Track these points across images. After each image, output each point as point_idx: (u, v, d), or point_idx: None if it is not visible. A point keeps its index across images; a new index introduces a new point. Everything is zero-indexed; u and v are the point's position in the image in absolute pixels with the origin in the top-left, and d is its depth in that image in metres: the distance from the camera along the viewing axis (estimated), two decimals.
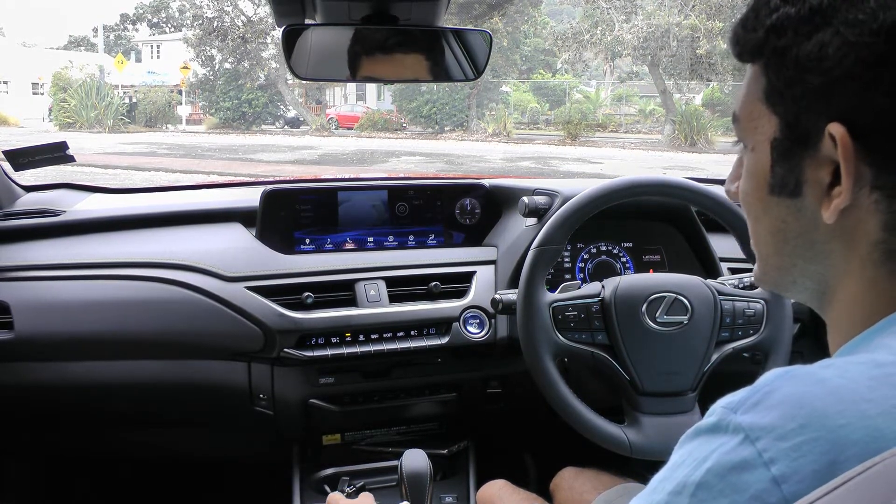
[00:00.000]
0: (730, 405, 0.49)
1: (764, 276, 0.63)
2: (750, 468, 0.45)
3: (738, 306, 1.27)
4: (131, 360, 1.42)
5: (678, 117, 20.51)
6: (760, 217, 0.60)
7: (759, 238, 0.61)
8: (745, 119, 0.59)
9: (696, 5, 20.39)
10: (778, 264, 0.60)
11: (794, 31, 0.53)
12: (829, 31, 0.51)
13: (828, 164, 0.53)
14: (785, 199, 0.56)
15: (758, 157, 0.58)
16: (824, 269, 0.57)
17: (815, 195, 0.54)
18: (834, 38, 0.51)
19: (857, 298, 0.55)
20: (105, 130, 21.71)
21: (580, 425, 1.22)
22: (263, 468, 1.78)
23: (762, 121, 0.57)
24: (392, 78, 1.29)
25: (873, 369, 0.48)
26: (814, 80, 0.52)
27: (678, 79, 21.90)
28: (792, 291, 0.62)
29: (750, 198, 0.60)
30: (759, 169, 0.58)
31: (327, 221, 1.57)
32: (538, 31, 27.58)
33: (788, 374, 0.48)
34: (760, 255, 0.62)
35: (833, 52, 0.51)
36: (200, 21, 24.65)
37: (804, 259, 0.57)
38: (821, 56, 0.51)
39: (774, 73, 0.55)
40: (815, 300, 0.60)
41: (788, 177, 0.56)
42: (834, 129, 0.51)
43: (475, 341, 1.46)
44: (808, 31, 0.52)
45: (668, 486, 0.49)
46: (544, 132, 24.33)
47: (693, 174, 1.91)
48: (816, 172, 0.54)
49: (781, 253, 0.59)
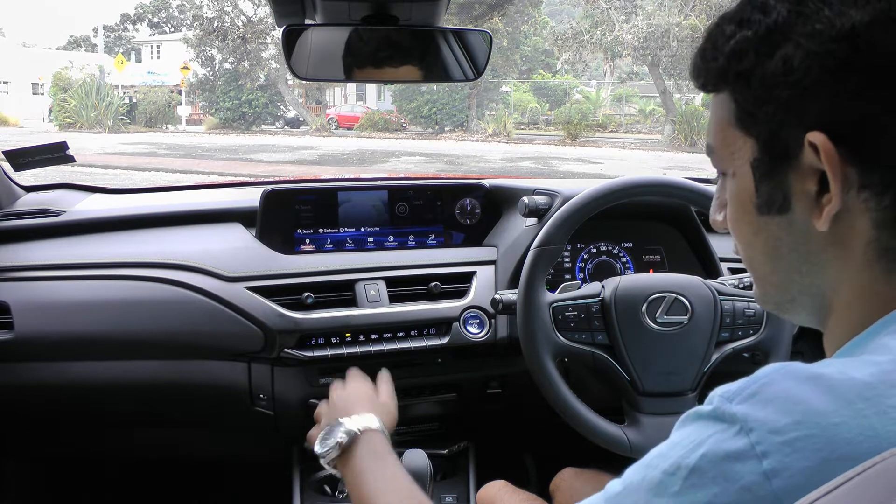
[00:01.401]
0: (726, 394, 0.50)
1: (764, 296, 0.63)
2: (742, 459, 0.46)
3: (738, 306, 1.27)
4: (131, 361, 1.42)
5: (678, 117, 20.53)
6: (752, 240, 0.60)
7: (754, 261, 0.62)
8: (720, 147, 0.60)
9: (696, 5, 20.40)
10: (776, 283, 0.60)
11: (755, 52, 0.54)
12: (789, 45, 0.52)
13: (812, 174, 0.53)
14: (774, 217, 0.57)
15: (740, 181, 0.59)
16: (821, 280, 0.57)
17: (805, 207, 0.55)
18: (797, 51, 0.52)
19: (852, 304, 0.55)
20: (105, 130, 21.72)
21: (580, 425, 1.22)
22: (263, 468, 1.78)
23: (737, 145, 0.58)
24: (392, 78, 1.29)
25: (871, 368, 0.48)
26: (783, 94, 0.53)
27: (678, 79, 21.90)
28: (792, 312, 0.62)
29: (739, 223, 0.61)
30: (743, 192, 0.59)
31: (327, 222, 1.57)
32: (538, 31, 27.60)
33: (786, 368, 0.49)
34: (757, 276, 0.63)
35: (798, 64, 0.52)
36: (200, 21, 24.67)
37: (800, 273, 0.58)
38: (786, 70, 0.52)
39: (742, 97, 0.56)
40: (814, 318, 0.60)
41: (775, 193, 0.56)
42: (814, 137, 0.52)
43: (475, 341, 1.46)
44: (769, 50, 0.53)
45: (663, 463, 0.50)
46: (544, 132, 24.34)
47: (693, 174, 1.91)
48: (802, 184, 0.54)
49: (777, 271, 0.59)
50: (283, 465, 1.53)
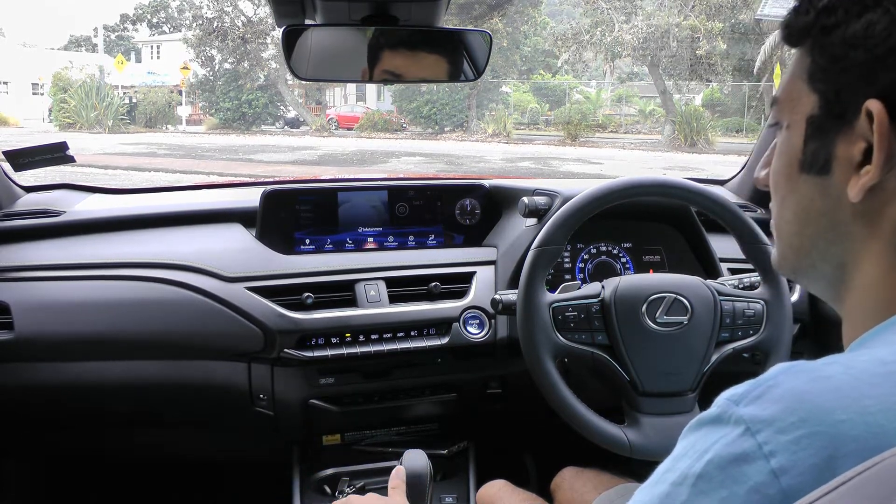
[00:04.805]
0: (733, 397, 0.49)
1: (783, 259, 0.63)
2: (750, 460, 0.46)
3: (738, 307, 1.27)
4: (131, 361, 1.42)
5: (678, 118, 20.51)
6: (787, 196, 0.60)
7: (782, 219, 0.61)
8: (784, 99, 0.60)
9: (695, 6, 20.39)
10: (798, 245, 0.60)
11: (845, 11, 0.54)
12: (879, 10, 0.52)
13: (860, 142, 0.53)
14: (813, 177, 0.57)
15: (792, 135, 0.59)
16: (844, 251, 0.57)
17: (844, 173, 0.55)
18: (883, 17, 0.52)
19: (873, 285, 0.55)
20: (105, 131, 21.70)
21: (580, 425, 1.22)
22: (263, 468, 1.78)
23: (801, 99, 0.58)
24: (392, 79, 1.29)
25: (878, 366, 0.48)
26: (858, 56, 0.53)
27: (678, 79, 21.90)
28: (809, 278, 0.62)
29: (780, 176, 0.61)
30: (791, 146, 0.59)
31: (327, 222, 1.57)
32: (538, 32, 27.59)
33: (792, 368, 0.49)
34: (781, 236, 0.62)
35: (880, 30, 0.52)
36: (200, 21, 24.66)
37: (825, 240, 0.58)
38: (867, 34, 0.52)
39: (819, 52, 0.56)
40: (830, 289, 0.60)
41: (819, 153, 0.56)
42: (872, 105, 0.52)
43: (475, 342, 1.46)
44: (859, 11, 0.53)
45: (670, 476, 0.50)
46: (544, 132, 24.33)
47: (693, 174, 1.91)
48: (848, 149, 0.54)
49: (803, 234, 0.59)
50: (283, 465, 1.53)
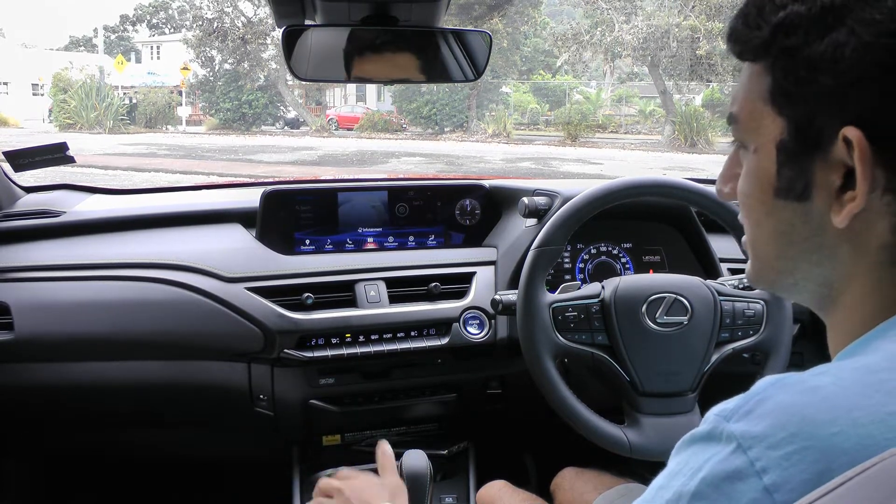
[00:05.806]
0: (723, 413, 0.49)
1: (759, 276, 0.61)
2: (743, 477, 0.45)
3: (738, 307, 1.27)
4: (131, 361, 1.42)
5: (678, 118, 20.53)
6: (762, 221, 0.58)
7: (759, 241, 0.59)
8: (745, 119, 0.57)
9: (696, 6, 20.41)
10: (780, 267, 0.58)
11: (805, 31, 0.51)
12: (843, 31, 0.49)
13: (839, 168, 0.51)
14: (791, 203, 0.55)
15: (761, 160, 0.56)
16: (830, 271, 0.55)
17: (824, 199, 0.52)
18: (850, 39, 0.49)
19: (860, 300, 0.54)
20: (105, 131, 21.71)
21: (580, 426, 1.22)
22: (263, 468, 1.78)
23: (766, 122, 0.55)
24: (392, 79, 1.29)
25: (867, 376, 0.47)
26: (827, 81, 0.50)
27: (678, 79, 21.91)
28: (791, 293, 0.60)
29: (752, 200, 0.58)
30: (762, 171, 0.56)
31: (327, 222, 1.57)
32: (538, 32, 27.63)
33: (781, 381, 0.48)
34: (758, 256, 0.60)
35: (849, 53, 0.49)
36: (200, 22, 24.66)
37: (809, 262, 0.56)
38: (835, 57, 0.49)
39: (782, 74, 0.53)
40: (815, 302, 0.59)
41: (797, 180, 0.54)
42: (850, 133, 0.49)
43: (475, 342, 1.46)
44: (821, 32, 0.50)
45: (665, 494, 0.49)
46: (544, 133, 24.35)
47: (693, 175, 1.91)
48: (827, 176, 0.52)
49: (785, 256, 0.57)
50: (283, 465, 1.53)
